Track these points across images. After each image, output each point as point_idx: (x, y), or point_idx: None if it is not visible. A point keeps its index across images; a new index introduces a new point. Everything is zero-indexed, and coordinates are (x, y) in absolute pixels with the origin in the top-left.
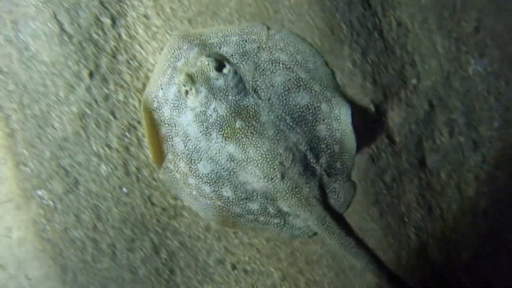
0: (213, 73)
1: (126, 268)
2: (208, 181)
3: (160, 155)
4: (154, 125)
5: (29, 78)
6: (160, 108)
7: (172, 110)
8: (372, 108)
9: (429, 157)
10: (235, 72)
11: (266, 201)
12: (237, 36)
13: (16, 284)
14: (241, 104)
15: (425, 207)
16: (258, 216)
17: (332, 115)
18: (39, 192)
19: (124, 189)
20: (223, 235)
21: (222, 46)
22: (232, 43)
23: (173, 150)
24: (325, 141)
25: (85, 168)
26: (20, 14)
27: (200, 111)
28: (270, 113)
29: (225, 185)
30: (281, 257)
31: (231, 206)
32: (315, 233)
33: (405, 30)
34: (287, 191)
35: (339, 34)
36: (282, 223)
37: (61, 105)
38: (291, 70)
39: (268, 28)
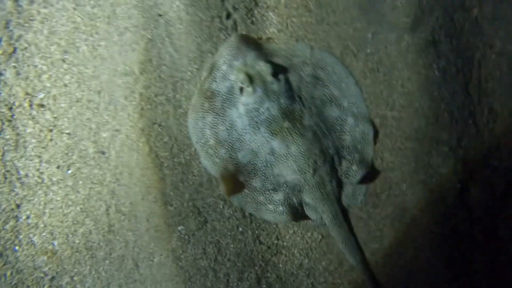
0: (269, 78)
1: None
2: (244, 170)
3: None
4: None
5: (179, 132)
6: (212, 97)
7: (223, 101)
8: (458, 186)
9: (500, 229)
10: (287, 80)
11: (292, 192)
12: (285, 50)
13: None
14: (290, 107)
15: (493, 274)
16: (278, 206)
17: (357, 129)
18: (179, 228)
19: (240, 229)
20: (312, 274)
21: (273, 55)
22: (281, 55)
23: (216, 137)
24: (348, 149)
25: (213, 210)
26: (178, 77)
27: (253, 108)
28: (310, 119)
29: (257, 175)
30: None
31: (256, 195)
32: (324, 225)
33: (495, 116)
34: (315, 185)
35: (442, 121)
36: (300, 213)
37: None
38: (327, 87)
39: (312, 47)
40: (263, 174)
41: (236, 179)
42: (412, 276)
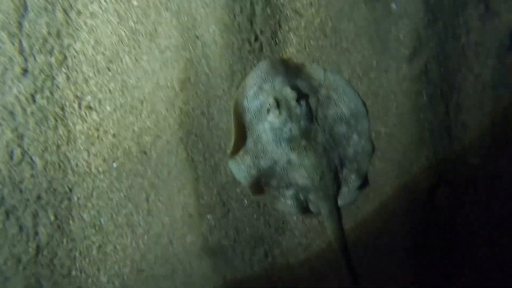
0: (294, 103)
1: (248, 265)
2: (264, 174)
3: (237, 149)
4: (239, 125)
5: (211, 140)
6: (243, 113)
7: (252, 118)
8: (429, 187)
9: (457, 221)
10: (307, 104)
11: (300, 191)
12: (304, 73)
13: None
14: (307, 128)
15: (447, 252)
16: (288, 199)
17: (359, 144)
18: (208, 216)
19: (255, 216)
20: (307, 249)
21: (297, 78)
22: (303, 78)
23: (244, 147)
24: (350, 159)
25: (235, 201)
26: (212, 94)
27: (278, 127)
28: (322, 137)
29: (275, 177)
30: None
31: (271, 191)
32: (319, 214)
33: (465, 129)
34: (319, 188)
35: (424, 138)
36: (305, 205)
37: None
38: (338, 107)
39: (325, 70)
40: (279, 176)
41: (259, 183)
42: (384, 256)
